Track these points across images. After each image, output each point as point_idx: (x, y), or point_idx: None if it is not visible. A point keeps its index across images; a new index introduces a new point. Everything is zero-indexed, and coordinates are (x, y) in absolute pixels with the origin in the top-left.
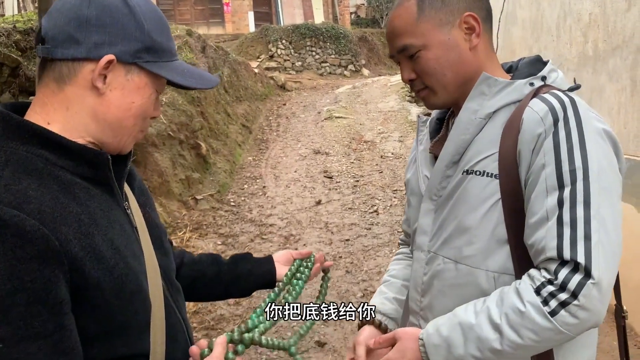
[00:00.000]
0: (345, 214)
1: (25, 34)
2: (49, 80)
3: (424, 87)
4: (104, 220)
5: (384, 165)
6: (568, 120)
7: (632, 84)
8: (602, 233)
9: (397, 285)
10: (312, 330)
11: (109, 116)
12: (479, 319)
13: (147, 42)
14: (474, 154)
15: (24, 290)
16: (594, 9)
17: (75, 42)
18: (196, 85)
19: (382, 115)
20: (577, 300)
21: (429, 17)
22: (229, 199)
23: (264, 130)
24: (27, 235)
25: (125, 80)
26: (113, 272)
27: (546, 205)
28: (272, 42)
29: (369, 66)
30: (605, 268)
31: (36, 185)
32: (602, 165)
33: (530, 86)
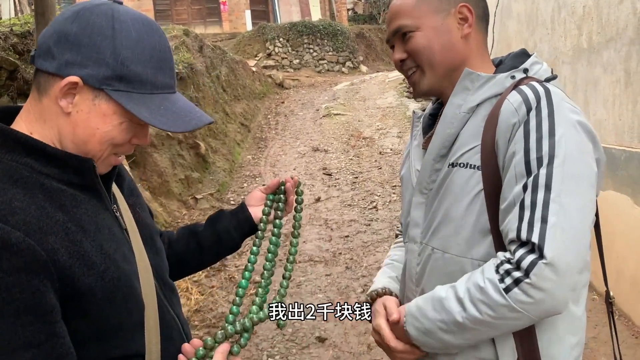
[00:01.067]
0: (344, 210)
1: (22, 37)
2: (34, 87)
3: (415, 67)
4: (91, 226)
5: (382, 162)
6: (540, 110)
7: (626, 76)
8: (561, 216)
9: (400, 268)
10: (313, 327)
11: (74, 137)
12: (448, 293)
13: (120, 70)
14: (458, 147)
15: (13, 301)
16: (587, 1)
17: (51, 56)
18: (161, 126)
19: (380, 111)
20: (528, 278)
21: (426, 2)
22: (229, 197)
23: (263, 128)
24: (12, 247)
25: (92, 105)
26: (104, 276)
27: (513, 192)
28: (269, 41)
29: (367, 62)
30: (563, 250)
31: (21, 196)
32: (570, 153)
33: (511, 79)
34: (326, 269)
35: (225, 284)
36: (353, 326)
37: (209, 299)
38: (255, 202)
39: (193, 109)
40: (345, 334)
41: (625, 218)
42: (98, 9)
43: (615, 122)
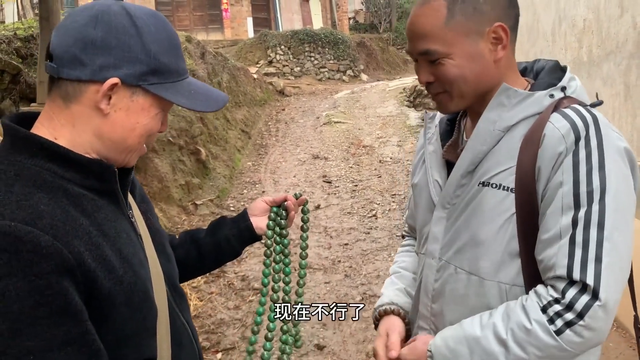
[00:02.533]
0: (344, 218)
1: (25, 41)
2: (56, 96)
3: (442, 91)
4: (111, 231)
5: (382, 170)
6: (589, 140)
7: (625, 89)
8: (613, 255)
9: (409, 278)
10: (312, 334)
11: (114, 135)
12: (485, 332)
13: (153, 64)
14: (491, 166)
15: (46, 303)
16: (588, 15)
17: (80, 63)
18: (201, 108)
19: (380, 120)
20: (583, 320)
21: (459, 24)
22: (229, 204)
23: (263, 135)
24: (42, 250)
25: (130, 102)
26: (123, 281)
27: (560, 224)
28: (270, 48)
29: (368, 71)
30: (613, 290)
31: (47, 200)
32: (619, 187)
33: (550, 98)
34: (325, 276)
35: (225, 290)
36: (352, 334)
37: (207, 305)
38: (259, 212)
39: (211, 88)
40: (344, 342)
41: None
42: (113, 10)
43: None
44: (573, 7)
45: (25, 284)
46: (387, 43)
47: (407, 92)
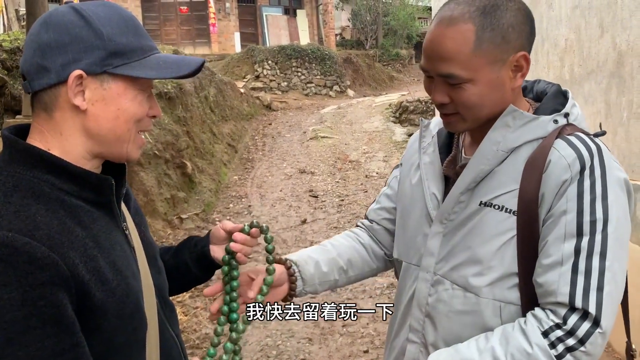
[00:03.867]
0: (330, 232)
1: (11, 53)
2: (39, 110)
3: (455, 113)
4: (106, 243)
5: (368, 185)
6: (594, 170)
7: (606, 107)
8: (612, 284)
9: (330, 256)
10: (297, 349)
11: (101, 130)
12: (483, 357)
13: (110, 47)
14: (493, 186)
15: (39, 314)
16: (569, 35)
17: (45, 70)
18: (173, 75)
19: (366, 135)
20: (584, 347)
21: (486, 52)
22: (214, 218)
23: (250, 149)
24: (38, 262)
25: (103, 91)
26: (115, 292)
27: (562, 250)
28: (258, 63)
29: (354, 87)
30: (611, 318)
31: (44, 211)
32: (619, 218)
33: (554, 123)
34: None
35: (210, 305)
36: (338, 349)
37: (192, 320)
38: (217, 240)
39: (185, 57)
40: (330, 357)
41: None
42: (60, 11)
43: None
44: (555, 27)
45: (19, 294)
46: (374, 59)
47: (393, 108)
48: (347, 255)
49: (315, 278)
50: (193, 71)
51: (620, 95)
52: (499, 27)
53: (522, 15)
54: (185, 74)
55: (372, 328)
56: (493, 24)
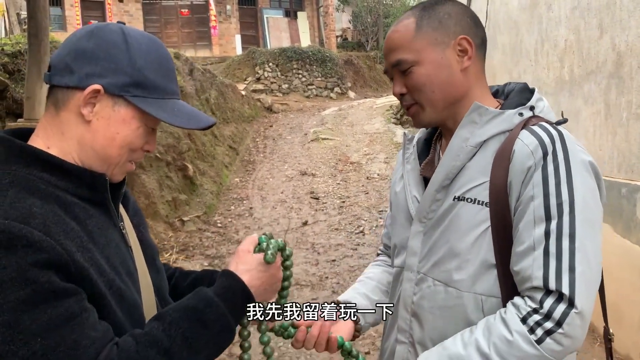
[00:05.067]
0: (331, 234)
1: (13, 57)
2: (50, 104)
3: (413, 103)
4: (101, 239)
5: (369, 187)
6: (557, 154)
7: (605, 108)
8: (584, 265)
9: (371, 285)
10: (299, 351)
11: (94, 144)
12: (468, 350)
13: (137, 77)
14: (465, 181)
15: (42, 290)
16: (569, 35)
17: (70, 71)
18: (181, 124)
19: (367, 137)
20: (561, 328)
21: (425, 35)
22: (216, 220)
23: (251, 151)
24: (35, 244)
25: (111, 111)
26: (112, 286)
27: (533, 236)
28: (259, 65)
29: (355, 89)
30: (586, 297)
31: (39, 204)
32: (586, 199)
33: (519, 116)
34: (312, 292)
35: None
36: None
37: None
38: None
39: (200, 112)
40: (331, 359)
41: (605, 247)
42: (109, 27)
43: (596, 153)
44: (555, 28)
45: (21, 275)
46: (374, 61)
47: (394, 109)
48: (384, 280)
49: (370, 307)
50: (201, 128)
51: (619, 96)
52: (436, 15)
53: (458, 7)
54: (192, 128)
55: (373, 329)
56: (430, 14)
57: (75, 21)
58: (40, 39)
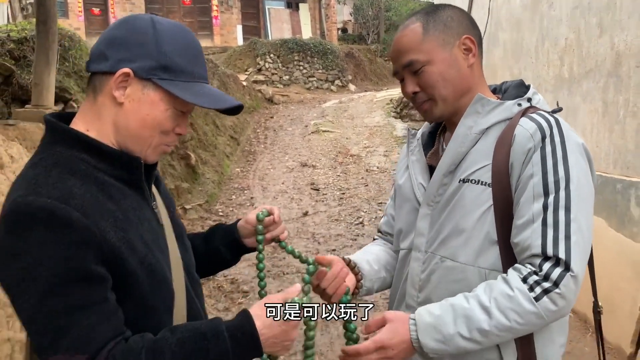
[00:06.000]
0: (331, 225)
1: (19, 43)
2: (89, 90)
3: (427, 99)
4: (135, 218)
5: (369, 179)
6: (554, 138)
7: (603, 106)
8: (579, 234)
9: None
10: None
11: (127, 125)
12: (469, 302)
13: (164, 61)
14: (469, 164)
15: (74, 270)
16: (569, 34)
17: (104, 58)
18: (206, 104)
19: (367, 130)
20: (558, 288)
21: (433, 37)
22: (217, 209)
23: (252, 142)
24: (73, 225)
25: (141, 94)
26: (144, 262)
27: (532, 209)
28: (260, 56)
29: (356, 82)
30: (580, 263)
31: (79, 185)
32: (580, 177)
33: (518, 106)
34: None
35: (214, 293)
36: (339, 335)
37: None
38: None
39: (225, 95)
40: (332, 343)
41: (599, 240)
42: (140, 17)
43: (593, 149)
44: (556, 26)
45: (57, 252)
46: (375, 54)
47: (394, 103)
48: (384, 257)
49: (371, 275)
50: (227, 108)
51: (617, 94)
52: (440, 19)
53: (458, 11)
54: (217, 108)
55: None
56: (435, 18)
57: (77, 8)
58: (49, 26)
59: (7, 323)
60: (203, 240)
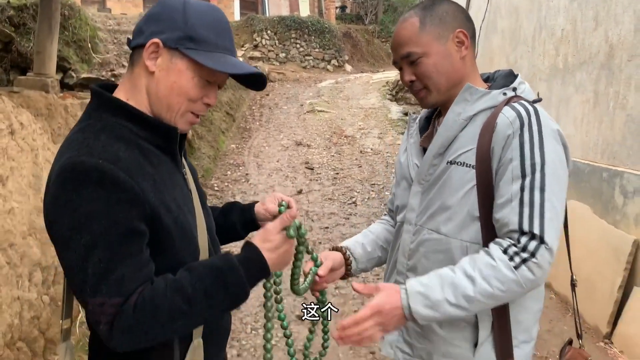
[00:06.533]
0: (325, 203)
1: (19, 10)
2: (129, 64)
3: (422, 88)
4: (169, 182)
5: (363, 160)
6: (531, 125)
7: (595, 97)
8: (552, 212)
9: (371, 237)
10: (293, 306)
11: (158, 92)
12: (456, 272)
13: (189, 32)
14: (457, 147)
15: (119, 224)
16: (566, 25)
17: (141, 32)
18: (225, 69)
19: (363, 111)
20: (535, 258)
21: (429, 30)
22: (213, 183)
23: (247, 119)
24: (120, 184)
25: (170, 63)
26: (177, 221)
27: (511, 190)
28: (257, 32)
29: (352, 62)
30: (553, 238)
31: (124, 149)
32: (555, 161)
33: (503, 95)
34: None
35: None
36: None
37: None
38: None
39: (248, 65)
40: None
41: (585, 225)
42: None
43: (583, 139)
44: (553, 17)
45: (106, 208)
46: (373, 35)
47: (390, 85)
48: (383, 235)
49: (363, 257)
50: (251, 82)
51: (608, 86)
52: (436, 14)
53: (453, 5)
54: (237, 73)
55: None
56: (432, 13)
57: None
58: None
59: (17, 282)
60: (220, 213)
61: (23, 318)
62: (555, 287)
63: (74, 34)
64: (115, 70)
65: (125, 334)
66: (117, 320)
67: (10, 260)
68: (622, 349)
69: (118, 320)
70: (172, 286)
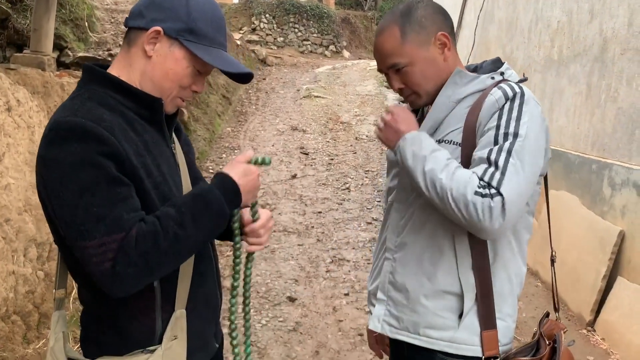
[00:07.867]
0: (319, 188)
1: None
2: (125, 42)
3: (412, 93)
4: (154, 150)
5: (358, 147)
6: (514, 102)
7: (587, 89)
8: (513, 173)
9: None
10: (285, 288)
11: (153, 76)
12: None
13: (191, 25)
14: (445, 127)
15: (106, 174)
16: (562, 17)
17: (141, 16)
18: (218, 65)
19: (359, 98)
20: (492, 200)
21: (411, 39)
22: (208, 166)
23: (244, 103)
24: (104, 140)
25: (168, 51)
26: (158, 187)
27: (484, 154)
28: (255, 15)
29: (350, 48)
30: (510, 192)
31: (109, 114)
32: (528, 135)
33: (491, 79)
34: (299, 239)
35: None
36: (321, 290)
37: None
38: None
39: (240, 63)
40: (314, 297)
41: (572, 216)
42: None
43: (574, 130)
44: (549, 8)
45: (89, 159)
46: (372, 22)
47: None
48: None
49: None
50: (238, 75)
51: (600, 79)
52: (415, 20)
53: (431, 8)
54: (230, 71)
55: (353, 275)
56: (410, 20)
57: None
58: None
59: (12, 257)
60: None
61: (18, 292)
62: (542, 275)
63: (71, 12)
64: (112, 50)
65: (131, 266)
66: (121, 254)
67: (6, 235)
68: (604, 337)
69: (122, 255)
70: (163, 216)
